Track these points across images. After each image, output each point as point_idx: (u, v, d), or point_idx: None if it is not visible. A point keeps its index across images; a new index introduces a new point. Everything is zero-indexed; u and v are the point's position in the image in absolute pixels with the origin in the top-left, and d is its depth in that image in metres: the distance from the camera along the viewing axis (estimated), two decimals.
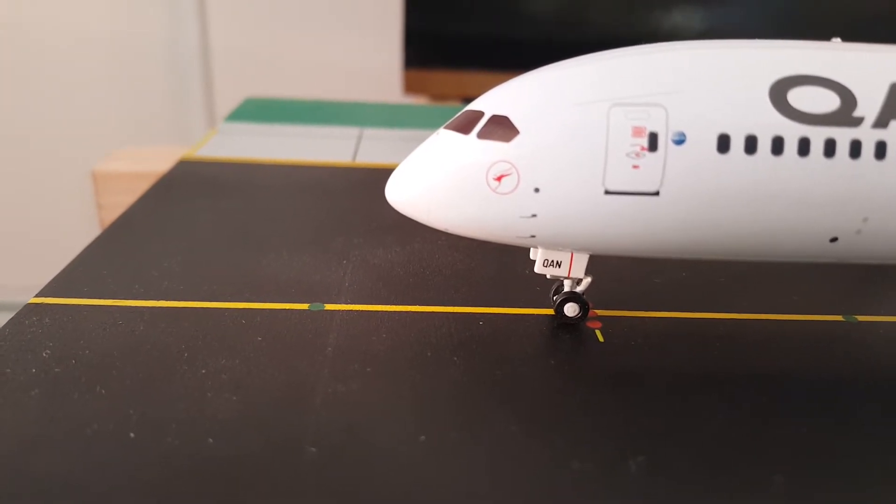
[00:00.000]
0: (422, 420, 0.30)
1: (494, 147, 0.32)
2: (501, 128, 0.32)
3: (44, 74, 1.11)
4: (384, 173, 0.36)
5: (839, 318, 0.41)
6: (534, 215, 0.33)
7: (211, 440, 0.28)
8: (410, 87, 1.10)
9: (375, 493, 0.26)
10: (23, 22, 1.08)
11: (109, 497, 0.25)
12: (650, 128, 0.31)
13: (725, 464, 0.28)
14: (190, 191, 0.56)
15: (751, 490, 0.27)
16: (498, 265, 0.44)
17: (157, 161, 0.68)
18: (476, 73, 1.09)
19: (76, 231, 0.71)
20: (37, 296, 0.38)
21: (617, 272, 0.43)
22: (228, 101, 1.03)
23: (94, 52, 1.11)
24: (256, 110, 0.82)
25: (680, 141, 0.31)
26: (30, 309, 0.37)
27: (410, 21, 1.06)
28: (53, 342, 0.34)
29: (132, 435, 0.28)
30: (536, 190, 0.32)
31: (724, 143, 0.31)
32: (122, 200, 0.59)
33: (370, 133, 0.75)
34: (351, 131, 0.75)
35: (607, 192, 0.32)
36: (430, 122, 0.32)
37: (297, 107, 0.85)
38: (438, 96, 1.12)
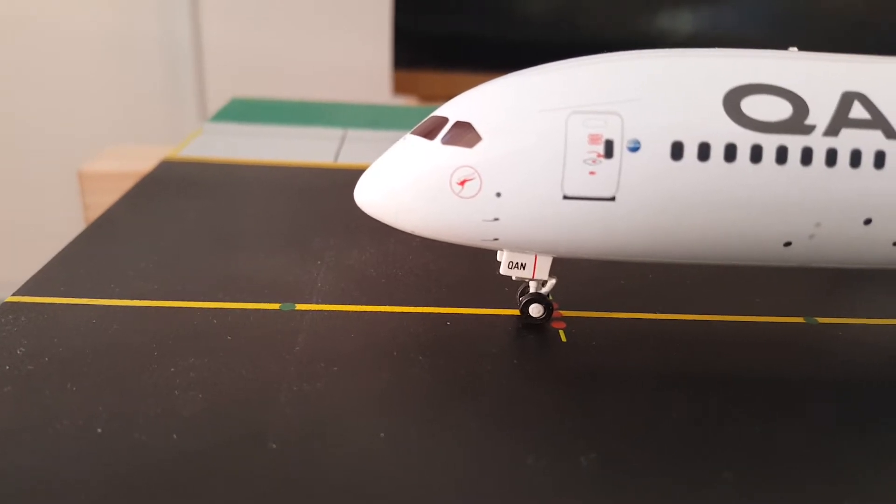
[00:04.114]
0: (383, 417, 0.31)
1: (458, 152, 0.33)
2: (465, 134, 0.33)
3: (32, 72, 1.12)
4: None
5: (801, 319, 0.41)
6: (496, 219, 0.34)
7: (175, 436, 0.29)
8: (400, 87, 1.11)
9: (331, 489, 0.26)
10: (9, 19, 1.09)
11: (75, 490, 0.26)
12: (606, 135, 0.32)
13: (675, 461, 0.29)
14: (171, 191, 0.57)
15: (697, 486, 0.28)
16: (469, 266, 0.45)
17: (144, 161, 0.69)
18: (466, 75, 1.10)
19: (63, 229, 0.72)
20: (14, 294, 0.39)
21: (584, 273, 0.44)
22: (219, 99, 1.04)
23: (84, 49, 1.12)
24: (242, 110, 0.83)
25: (635, 148, 0.32)
26: (6, 307, 0.38)
27: (400, 21, 1.07)
28: (28, 340, 0.35)
29: (100, 430, 0.29)
30: (498, 194, 0.33)
31: (677, 151, 0.32)
32: (108, 200, 0.59)
33: (353, 134, 0.76)
34: (335, 132, 0.76)
35: (566, 198, 0.33)
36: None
37: (283, 107, 0.86)
38: (428, 97, 1.13)
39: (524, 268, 0.37)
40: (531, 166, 0.32)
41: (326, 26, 1.15)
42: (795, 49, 0.36)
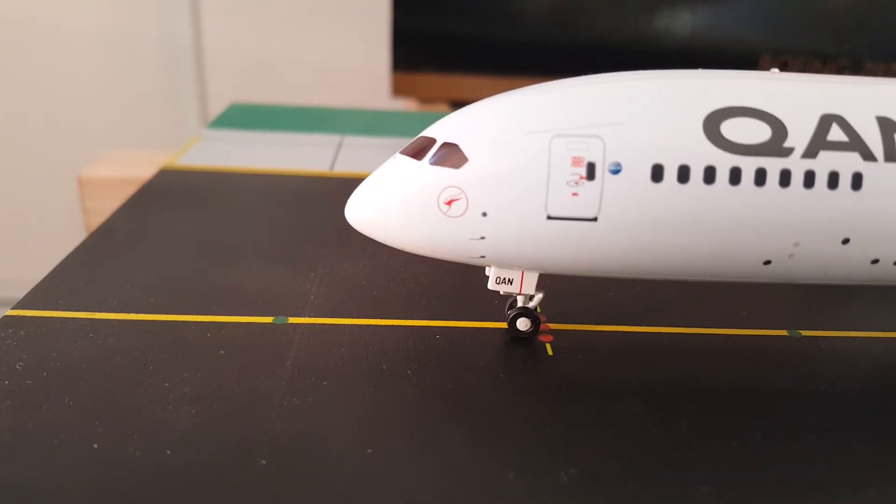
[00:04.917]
0: (370, 432, 0.32)
1: (445, 173, 0.34)
2: (452, 155, 0.34)
3: (32, 73, 1.12)
4: (359, 183, 0.37)
5: (784, 332, 0.42)
6: (482, 237, 0.35)
7: (168, 451, 0.29)
8: (399, 89, 1.12)
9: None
10: (9, 19, 1.10)
11: None
12: (588, 158, 0.33)
13: (655, 476, 0.30)
14: (168, 201, 0.58)
15: (676, 501, 0.29)
16: (460, 279, 0.46)
17: (145, 166, 0.70)
18: (466, 76, 1.10)
19: (64, 233, 0.73)
20: (13, 308, 0.40)
21: (572, 287, 0.45)
22: (220, 101, 1.05)
23: (84, 51, 1.12)
24: (240, 116, 0.84)
25: (616, 171, 0.33)
26: (6, 321, 0.39)
27: (399, 23, 1.07)
28: (27, 354, 0.36)
29: (96, 445, 0.30)
30: (484, 214, 0.34)
31: (657, 173, 0.33)
32: (108, 205, 0.60)
33: (349, 141, 0.77)
34: (331, 139, 0.77)
35: (549, 218, 0.33)
36: (413, 130, 0.34)
37: (281, 112, 0.86)
38: (427, 99, 1.13)
39: (511, 283, 0.38)
40: (516, 187, 0.33)
41: (326, 28, 1.16)
42: (777, 70, 0.37)
